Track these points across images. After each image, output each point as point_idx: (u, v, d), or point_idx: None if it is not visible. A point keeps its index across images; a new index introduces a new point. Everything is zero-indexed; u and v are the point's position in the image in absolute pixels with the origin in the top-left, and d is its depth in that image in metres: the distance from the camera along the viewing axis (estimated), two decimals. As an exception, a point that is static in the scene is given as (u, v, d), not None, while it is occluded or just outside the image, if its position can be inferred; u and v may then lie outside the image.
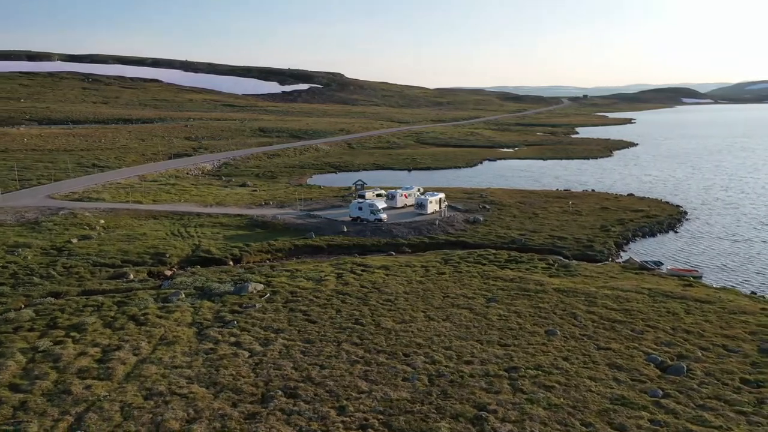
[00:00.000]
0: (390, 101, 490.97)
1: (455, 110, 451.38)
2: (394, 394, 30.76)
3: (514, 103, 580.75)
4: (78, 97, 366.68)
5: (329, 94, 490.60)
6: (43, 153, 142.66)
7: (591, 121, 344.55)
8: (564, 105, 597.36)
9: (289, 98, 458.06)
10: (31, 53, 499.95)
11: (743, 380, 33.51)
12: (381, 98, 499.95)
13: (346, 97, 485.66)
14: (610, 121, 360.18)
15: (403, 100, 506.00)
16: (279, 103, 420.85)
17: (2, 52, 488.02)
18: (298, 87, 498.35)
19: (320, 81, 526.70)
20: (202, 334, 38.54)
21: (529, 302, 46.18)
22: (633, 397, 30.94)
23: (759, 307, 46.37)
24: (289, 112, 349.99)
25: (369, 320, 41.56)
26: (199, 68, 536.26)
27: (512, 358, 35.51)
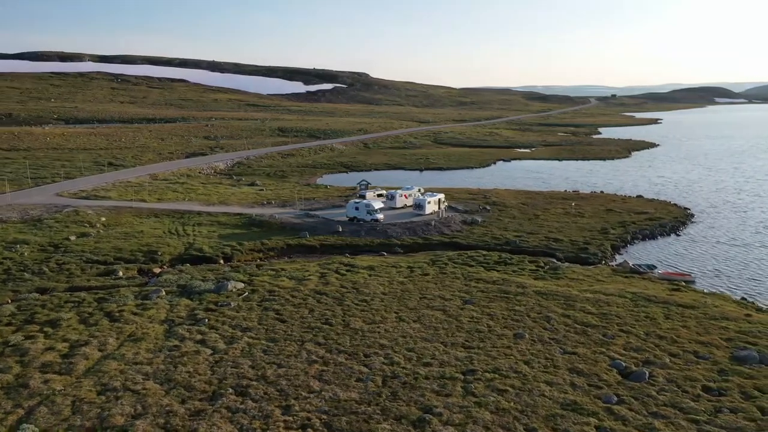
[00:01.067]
0: (414, 101, 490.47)
1: (479, 110, 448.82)
2: (343, 395, 30.88)
3: (540, 102, 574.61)
4: (106, 97, 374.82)
5: (353, 93, 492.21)
6: (62, 152, 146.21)
7: (616, 122, 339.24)
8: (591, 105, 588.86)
9: (313, 98, 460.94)
10: (63, 54, 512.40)
11: (705, 388, 32.80)
12: (405, 98, 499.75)
13: (369, 96, 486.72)
14: (635, 122, 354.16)
15: (427, 100, 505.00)
16: (302, 102, 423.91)
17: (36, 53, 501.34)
18: (323, 87, 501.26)
19: (344, 81, 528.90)
20: (170, 332, 39.19)
21: (506, 305, 45.82)
22: (585, 403, 30.52)
23: (743, 313, 45.27)
24: (311, 111, 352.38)
25: (339, 320, 41.74)
26: (226, 68, 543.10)
27: (472, 361, 35.31)
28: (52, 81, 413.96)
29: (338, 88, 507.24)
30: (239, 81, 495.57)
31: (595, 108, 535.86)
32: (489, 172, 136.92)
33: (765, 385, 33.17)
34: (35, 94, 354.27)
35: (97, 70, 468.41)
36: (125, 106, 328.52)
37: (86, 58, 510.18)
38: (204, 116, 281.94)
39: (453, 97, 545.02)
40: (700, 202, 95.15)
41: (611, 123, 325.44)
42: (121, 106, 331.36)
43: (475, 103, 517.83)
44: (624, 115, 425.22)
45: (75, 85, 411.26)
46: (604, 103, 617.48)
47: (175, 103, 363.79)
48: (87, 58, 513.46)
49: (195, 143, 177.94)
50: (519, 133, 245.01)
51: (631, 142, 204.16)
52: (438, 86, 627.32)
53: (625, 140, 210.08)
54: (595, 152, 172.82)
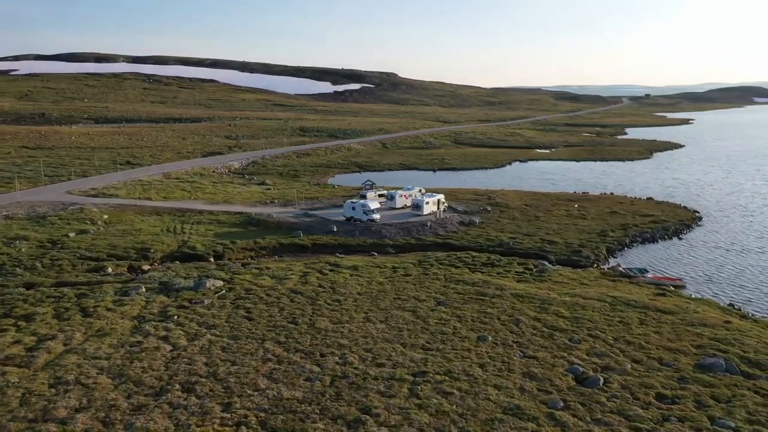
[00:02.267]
0: (441, 101, 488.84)
1: (507, 110, 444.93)
2: (287, 393, 31.13)
3: (570, 102, 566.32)
4: (138, 97, 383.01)
5: (380, 93, 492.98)
6: (84, 150, 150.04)
7: (645, 122, 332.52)
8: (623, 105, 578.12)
9: (340, 98, 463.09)
10: (99, 55, 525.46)
11: (659, 395, 32.09)
12: (432, 98, 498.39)
13: (397, 96, 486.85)
14: (666, 122, 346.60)
15: (454, 100, 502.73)
16: (329, 102, 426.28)
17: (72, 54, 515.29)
18: (350, 87, 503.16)
19: (372, 81, 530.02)
20: (137, 328, 39.99)
21: (479, 307, 45.48)
22: (528, 408, 30.16)
23: (723, 319, 44.06)
24: (337, 111, 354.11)
25: (305, 320, 42.02)
26: (255, 69, 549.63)
27: (427, 363, 35.19)
28: (87, 81, 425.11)
29: (366, 88, 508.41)
30: (268, 81, 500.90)
31: (626, 108, 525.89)
32: (503, 173, 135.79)
33: (723, 394, 32.34)
34: (70, 95, 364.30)
35: (131, 71, 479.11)
36: (155, 106, 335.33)
37: (120, 59, 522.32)
38: (229, 116, 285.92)
39: (481, 97, 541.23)
40: (711, 205, 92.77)
41: (640, 123, 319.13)
42: (151, 106, 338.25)
43: (503, 103, 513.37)
44: (655, 116, 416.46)
45: (108, 85, 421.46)
46: (636, 103, 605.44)
47: (203, 103, 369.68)
48: (121, 59, 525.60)
49: (215, 142, 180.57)
50: (541, 134, 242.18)
51: (655, 143, 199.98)
52: (467, 86, 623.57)
53: (649, 141, 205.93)
54: (615, 153, 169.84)
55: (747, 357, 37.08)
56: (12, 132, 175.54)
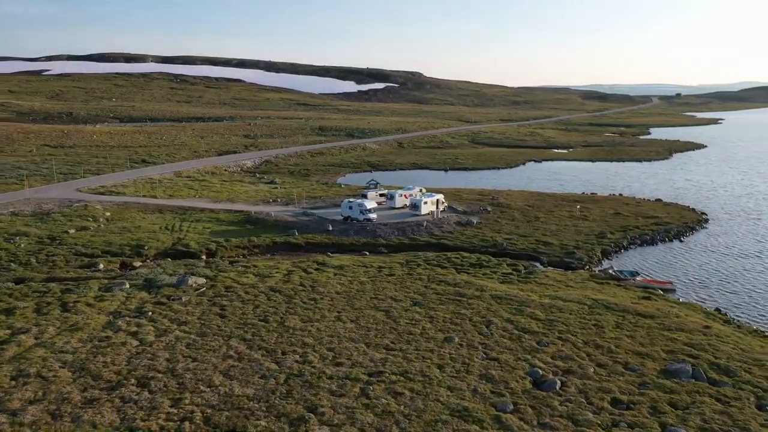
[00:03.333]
0: (465, 100, 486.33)
1: (532, 110, 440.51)
2: (239, 390, 31.47)
3: (598, 102, 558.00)
4: (164, 96, 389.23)
5: (404, 93, 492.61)
6: (103, 149, 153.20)
7: (671, 122, 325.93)
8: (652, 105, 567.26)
9: (364, 97, 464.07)
10: (129, 55, 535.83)
11: (615, 401, 31.58)
12: (456, 97, 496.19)
13: (421, 96, 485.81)
14: (694, 122, 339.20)
15: (479, 99, 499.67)
16: (352, 102, 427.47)
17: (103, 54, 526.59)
18: (374, 86, 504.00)
19: (397, 80, 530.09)
20: (110, 323, 40.80)
21: (454, 308, 45.26)
22: (476, 410, 29.96)
23: (703, 325, 43.11)
24: (359, 111, 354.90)
25: (277, 318, 42.37)
26: (281, 68, 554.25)
27: (386, 363, 35.19)
28: (116, 81, 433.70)
29: (390, 87, 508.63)
30: (293, 81, 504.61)
31: (655, 108, 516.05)
32: (514, 173, 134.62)
33: (682, 401, 31.68)
34: (99, 94, 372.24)
35: (159, 71, 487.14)
36: (180, 106, 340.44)
37: (149, 59, 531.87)
38: (252, 115, 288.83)
39: (506, 97, 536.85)
40: (719, 207, 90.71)
41: (666, 123, 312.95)
42: (176, 105, 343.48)
43: (529, 103, 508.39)
44: (685, 115, 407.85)
45: (137, 85, 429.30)
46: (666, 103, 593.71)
47: (228, 103, 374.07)
48: (150, 59, 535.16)
49: (233, 141, 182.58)
50: (562, 133, 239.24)
51: (676, 143, 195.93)
52: (492, 85, 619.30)
53: (671, 141, 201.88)
54: (633, 154, 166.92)
55: (717, 363, 36.24)
56: (36, 131, 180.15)
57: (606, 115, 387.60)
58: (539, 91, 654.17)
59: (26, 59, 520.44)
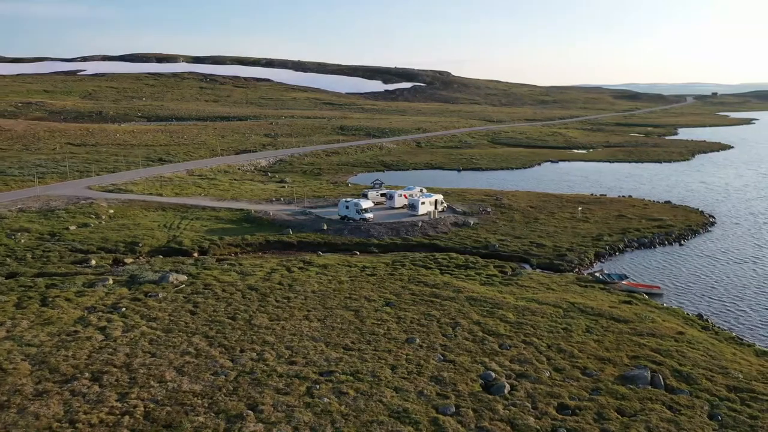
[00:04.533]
0: (492, 100, 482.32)
1: (560, 109, 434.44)
2: (187, 387, 32.01)
3: (629, 101, 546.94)
4: (193, 96, 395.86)
5: (431, 92, 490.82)
6: (124, 147, 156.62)
7: (702, 122, 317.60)
8: (685, 104, 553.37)
9: (391, 97, 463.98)
10: (161, 55, 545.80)
11: (561, 406, 31.20)
12: (484, 97, 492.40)
13: (448, 95, 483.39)
14: (726, 122, 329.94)
15: (506, 99, 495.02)
16: (378, 101, 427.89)
17: (136, 54, 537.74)
18: (401, 85, 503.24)
19: (424, 80, 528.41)
20: (83, 318, 41.85)
21: (425, 309, 45.17)
22: (415, 411, 29.92)
23: (677, 330, 42.16)
24: (384, 110, 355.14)
25: (245, 316, 42.89)
26: (309, 68, 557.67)
27: (339, 363, 35.36)
28: (148, 81, 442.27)
29: (417, 86, 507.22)
30: (321, 80, 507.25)
31: (688, 107, 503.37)
32: (527, 174, 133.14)
33: (631, 408, 31.10)
34: (130, 93, 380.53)
35: (189, 71, 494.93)
36: (208, 105, 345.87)
37: (181, 59, 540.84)
38: (276, 114, 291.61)
39: (535, 96, 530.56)
40: (728, 210, 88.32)
41: (696, 123, 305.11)
42: (204, 104, 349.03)
43: (558, 102, 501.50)
44: (718, 115, 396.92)
45: (167, 84, 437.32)
46: (701, 102, 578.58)
47: (255, 102, 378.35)
48: (181, 59, 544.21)
49: (252, 140, 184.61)
50: (586, 133, 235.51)
51: (701, 144, 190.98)
52: (521, 84, 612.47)
53: (696, 142, 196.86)
54: (654, 155, 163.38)
55: (680, 370, 35.45)
56: (62, 129, 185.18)
57: (635, 114, 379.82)
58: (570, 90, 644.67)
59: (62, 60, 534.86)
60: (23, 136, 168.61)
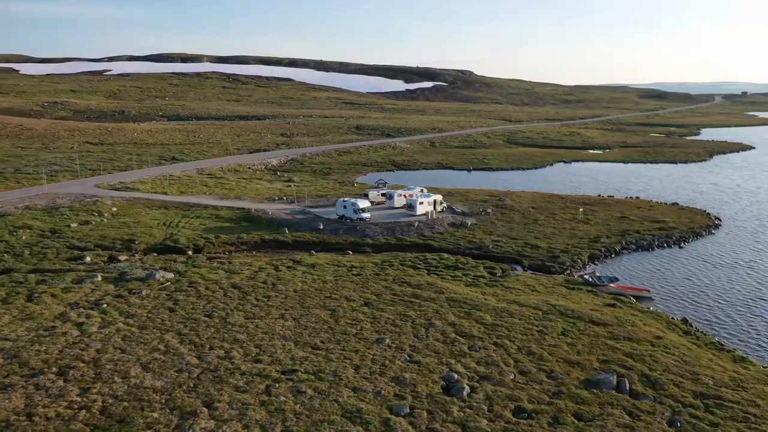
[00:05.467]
0: (514, 99, 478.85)
1: (582, 108, 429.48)
2: (148, 383, 32.51)
3: (655, 101, 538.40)
4: (216, 95, 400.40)
5: (452, 92, 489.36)
6: (140, 146, 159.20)
7: (728, 122, 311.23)
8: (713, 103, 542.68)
9: (411, 96, 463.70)
10: (185, 55, 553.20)
11: (518, 409, 30.99)
12: (506, 96, 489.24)
13: (469, 95, 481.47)
14: (753, 122, 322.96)
15: (528, 98, 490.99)
16: (399, 101, 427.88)
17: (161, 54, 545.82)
18: (423, 85, 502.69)
19: (446, 79, 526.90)
20: (63, 314, 42.74)
21: (403, 309, 45.15)
22: (368, 412, 29.97)
23: (655, 335, 41.46)
24: (403, 110, 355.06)
25: (222, 314, 43.36)
26: (331, 68, 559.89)
27: (304, 362, 35.57)
28: (171, 81, 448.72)
29: (438, 86, 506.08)
30: (342, 80, 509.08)
31: (715, 106, 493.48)
32: (538, 174, 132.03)
33: (589, 413, 30.74)
34: (154, 93, 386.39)
35: (213, 70, 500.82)
36: (229, 104, 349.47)
37: (204, 59, 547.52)
38: (295, 114, 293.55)
39: (558, 96, 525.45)
40: (735, 212, 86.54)
41: (721, 123, 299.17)
42: (226, 104, 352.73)
43: (581, 102, 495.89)
44: (745, 115, 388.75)
45: (191, 84, 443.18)
46: (729, 101, 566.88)
47: (276, 101, 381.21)
48: (205, 59, 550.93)
49: (267, 140, 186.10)
50: (604, 133, 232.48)
51: (722, 144, 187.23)
52: (544, 84, 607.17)
53: (716, 142, 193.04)
54: (671, 155, 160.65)
55: (648, 376, 34.90)
56: (81, 128, 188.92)
57: (659, 114, 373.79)
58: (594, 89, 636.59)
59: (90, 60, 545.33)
60: (43, 135, 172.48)
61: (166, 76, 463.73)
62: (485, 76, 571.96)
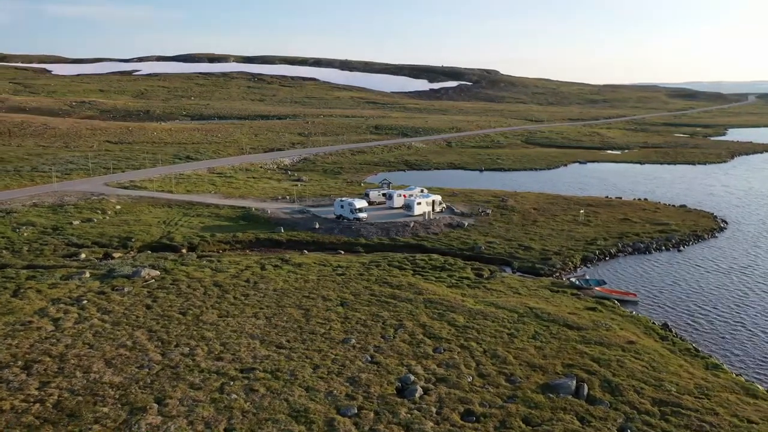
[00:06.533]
0: (539, 99, 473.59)
1: (609, 108, 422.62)
2: (108, 378, 33.17)
3: (685, 100, 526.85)
4: (240, 95, 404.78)
5: (476, 91, 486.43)
6: (158, 145, 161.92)
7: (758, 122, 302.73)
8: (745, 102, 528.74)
9: (435, 96, 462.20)
10: (213, 56, 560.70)
11: (468, 412, 30.85)
12: (530, 96, 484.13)
13: (493, 94, 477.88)
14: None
15: (553, 98, 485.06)
16: (422, 100, 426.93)
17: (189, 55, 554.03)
18: (447, 84, 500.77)
19: (470, 78, 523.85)
20: (43, 309, 43.78)
21: (376, 309, 45.20)
22: (315, 411, 30.13)
23: (627, 340, 40.74)
24: (425, 109, 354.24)
25: (196, 311, 43.96)
26: (356, 67, 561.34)
27: (264, 361, 35.87)
28: (198, 80, 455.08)
29: (463, 85, 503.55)
30: (366, 79, 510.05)
31: (747, 106, 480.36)
32: (549, 175, 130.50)
33: (539, 417, 30.43)
34: (180, 93, 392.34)
35: (238, 70, 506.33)
36: (253, 104, 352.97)
37: (231, 59, 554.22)
38: (316, 113, 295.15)
39: (584, 95, 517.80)
40: (742, 216, 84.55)
41: (750, 123, 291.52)
42: (249, 103, 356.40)
43: (608, 101, 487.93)
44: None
45: (216, 84, 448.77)
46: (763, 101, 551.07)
47: (299, 101, 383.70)
48: (232, 59, 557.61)
49: (284, 139, 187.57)
50: (627, 134, 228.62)
51: (746, 145, 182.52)
52: (571, 83, 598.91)
53: (742, 143, 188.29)
54: (690, 156, 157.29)
55: (610, 381, 34.38)
56: (103, 127, 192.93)
57: (687, 114, 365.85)
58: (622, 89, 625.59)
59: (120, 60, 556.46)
60: (66, 134, 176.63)
61: (193, 76, 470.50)
62: (511, 76, 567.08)
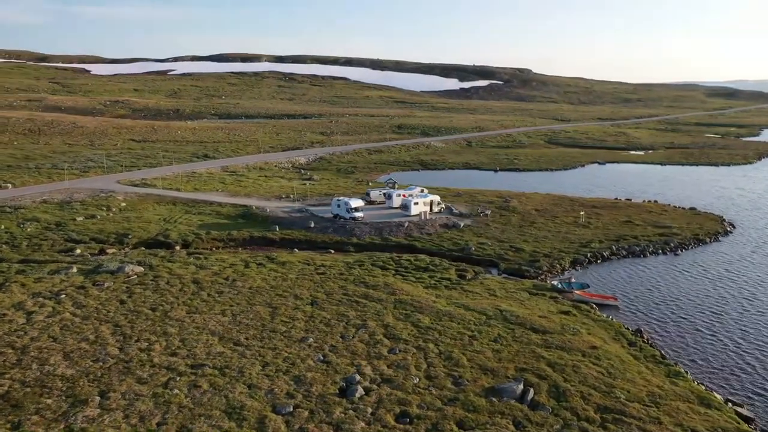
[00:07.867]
0: (571, 98, 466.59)
1: (642, 107, 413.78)
2: (60, 371, 34.16)
3: (724, 99, 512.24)
4: (270, 94, 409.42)
5: (507, 90, 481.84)
6: (179, 144, 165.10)
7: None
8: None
9: (465, 95, 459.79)
10: (246, 55, 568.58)
11: (403, 413, 30.85)
12: (562, 95, 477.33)
13: (524, 93, 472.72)
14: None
15: (585, 97, 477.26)
16: (452, 99, 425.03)
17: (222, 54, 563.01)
18: (477, 83, 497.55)
19: (502, 77, 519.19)
20: (21, 303, 45.25)
21: (345, 309, 45.40)
22: (250, 409, 30.49)
23: (591, 345, 39.98)
24: (453, 108, 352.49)
25: (166, 308, 44.83)
26: (387, 66, 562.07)
27: (217, 357, 36.42)
28: (230, 80, 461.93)
29: (494, 84, 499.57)
30: (397, 78, 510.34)
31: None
32: (563, 175, 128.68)
33: (474, 421, 30.25)
34: (211, 92, 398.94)
35: (270, 70, 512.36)
36: (282, 103, 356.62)
37: (264, 59, 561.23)
38: (341, 112, 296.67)
39: (618, 94, 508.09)
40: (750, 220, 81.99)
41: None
42: (278, 103, 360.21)
43: (642, 101, 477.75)
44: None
45: (248, 83, 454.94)
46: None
47: (328, 100, 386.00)
48: (264, 58, 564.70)
49: (307, 138, 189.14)
50: (654, 134, 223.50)
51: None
52: (605, 82, 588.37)
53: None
54: (715, 157, 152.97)
55: (560, 386, 33.88)
56: (129, 126, 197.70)
57: (724, 113, 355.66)
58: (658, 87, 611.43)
59: (156, 60, 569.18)
60: (93, 132, 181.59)
61: (225, 75, 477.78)
62: (543, 74, 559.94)
